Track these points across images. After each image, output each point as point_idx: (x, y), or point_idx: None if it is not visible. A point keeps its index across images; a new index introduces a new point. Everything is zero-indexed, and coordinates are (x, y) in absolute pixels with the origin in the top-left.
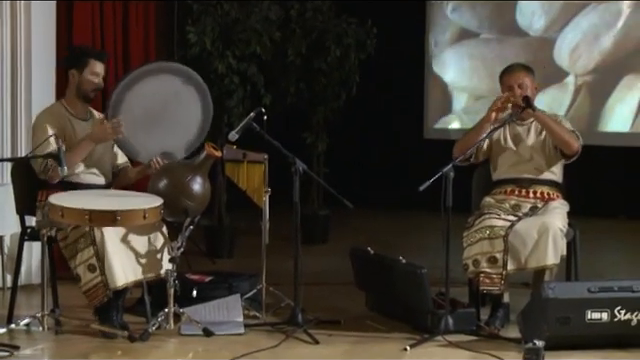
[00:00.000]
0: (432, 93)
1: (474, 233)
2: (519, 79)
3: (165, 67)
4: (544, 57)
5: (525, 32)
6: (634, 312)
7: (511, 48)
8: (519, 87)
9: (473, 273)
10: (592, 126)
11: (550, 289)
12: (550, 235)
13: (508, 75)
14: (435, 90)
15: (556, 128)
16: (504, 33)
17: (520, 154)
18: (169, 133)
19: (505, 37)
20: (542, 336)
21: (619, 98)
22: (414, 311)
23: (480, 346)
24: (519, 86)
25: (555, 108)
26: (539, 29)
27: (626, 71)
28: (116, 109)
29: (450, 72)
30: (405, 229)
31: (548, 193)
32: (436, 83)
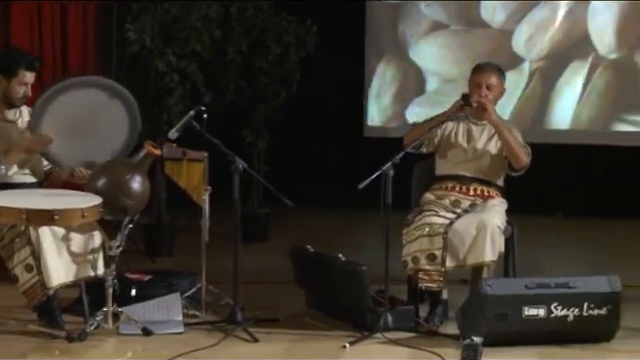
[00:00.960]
0: (402, 80)
1: (413, 230)
2: (488, 79)
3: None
4: (504, 46)
5: (488, 24)
6: (570, 308)
7: (476, 38)
8: (487, 87)
9: (412, 270)
10: (536, 123)
11: (488, 286)
12: (488, 232)
13: (478, 73)
14: (408, 77)
15: (510, 139)
16: (470, 25)
17: (468, 152)
18: (93, 145)
19: (471, 29)
20: (480, 332)
21: (566, 80)
22: (354, 309)
23: (419, 343)
24: (487, 86)
25: (513, 89)
26: (500, 22)
27: (572, 58)
28: (39, 119)
29: (425, 59)
30: (345, 227)
31: (488, 191)
32: (411, 69)
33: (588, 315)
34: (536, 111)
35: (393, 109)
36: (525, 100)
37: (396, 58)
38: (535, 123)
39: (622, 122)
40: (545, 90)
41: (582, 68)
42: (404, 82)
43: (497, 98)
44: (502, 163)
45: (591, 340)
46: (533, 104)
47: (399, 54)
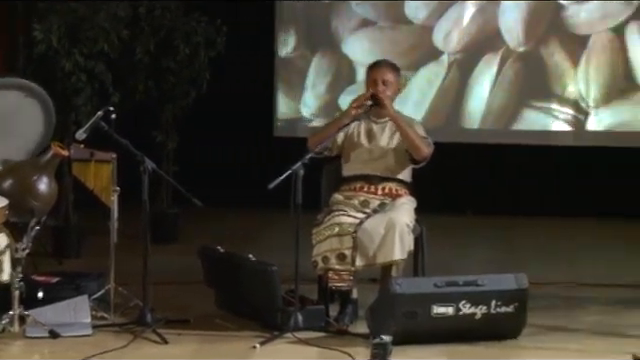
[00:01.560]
0: (336, 71)
1: (323, 230)
2: (384, 75)
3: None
4: (425, 40)
5: (411, 21)
6: (478, 306)
7: (401, 33)
8: (383, 83)
9: (322, 270)
10: (455, 110)
11: (397, 285)
12: (397, 231)
13: (374, 70)
14: (341, 69)
15: (409, 131)
16: (395, 22)
17: (372, 152)
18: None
19: (396, 25)
20: (390, 331)
21: (481, 70)
22: (264, 309)
23: (329, 342)
24: (383, 82)
25: (434, 80)
26: (421, 19)
27: (486, 50)
28: None
29: (355, 52)
30: (255, 227)
31: (396, 189)
32: (343, 61)
33: (496, 313)
34: (455, 97)
35: (328, 96)
36: (445, 88)
37: (330, 51)
38: (454, 110)
39: (529, 107)
40: (462, 79)
41: (494, 59)
42: (337, 73)
43: (394, 94)
44: (405, 158)
45: (498, 337)
46: (452, 91)
47: (333, 48)
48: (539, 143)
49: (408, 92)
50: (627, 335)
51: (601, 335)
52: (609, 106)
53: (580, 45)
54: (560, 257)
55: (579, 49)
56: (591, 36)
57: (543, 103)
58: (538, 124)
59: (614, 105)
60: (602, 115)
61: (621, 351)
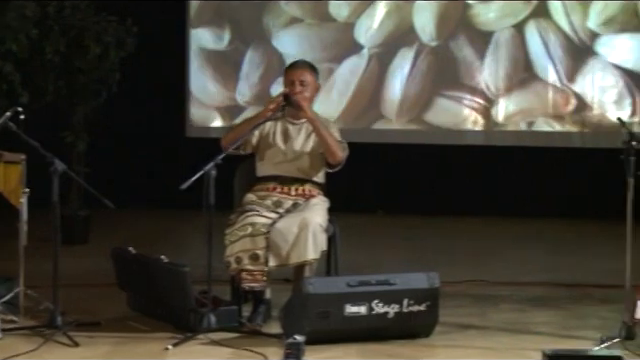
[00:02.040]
0: (267, 64)
1: (236, 231)
2: (301, 75)
3: None
4: (347, 36)
5: (334, 19)
6: (390, 305)
7: (326, 30)
8: (300, 84)
9: (235, 270)
10: (372, 102)
11: (310, 284)
12: (310, 231)
13: (291, 70)
14: (272, 61)
15: (325, 134)
16: (321, 19)
17: (286, 153)
18: None
19: (321, 22)
20: (303, 331)
21: (398, 63)
22: (177, 310)
23: (242, 343)
24: (300, 83)
25: (356, 71)
26: (344, 16)
27: (402, 45)
28: None
29: (285, 46)
30: (168, 228)
31: (310, 190)
32: (274, 55)
33: (408, 311)
34: (375, 87)
35: (260, 86)
36: (365, 79)
37: (262, 46)
38: (374, 97)
39: (441, 96)
40: (381, 70)
41: (409, 53)
42: (268, 65)
43: (313, 95)
44: (321, 160)
45: (411, 336)
46: (372, 81)
47: (264, 42)
48: (450, 143)
49: (333, 82)
50: (536, 332)
51: (511, 332)
52: (511, 94)
53: (485, 40)
54: (471, 256)
55: (484, 44)
56: (495, 32)
57: (453, 92)
58: (449, 112)
59: (516, 93)
60: (506, 102)
61: (530, 348)
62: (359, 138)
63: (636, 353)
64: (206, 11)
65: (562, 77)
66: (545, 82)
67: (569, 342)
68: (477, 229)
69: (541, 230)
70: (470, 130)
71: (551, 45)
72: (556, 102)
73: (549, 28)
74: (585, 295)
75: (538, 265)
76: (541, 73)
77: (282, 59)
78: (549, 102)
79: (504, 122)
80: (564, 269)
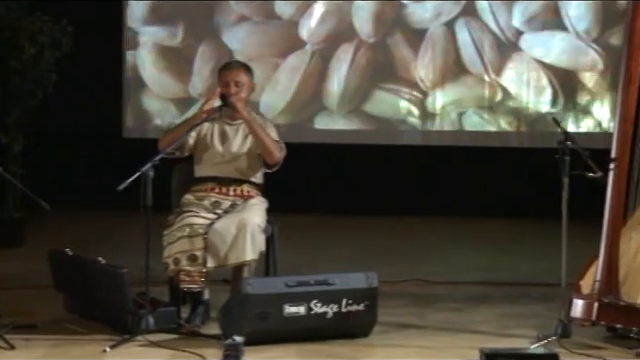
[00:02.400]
0: (217, 59)
1: (174, 232)
2: (236, 76)
3: None
4: (292, 33)
5: (280, 17)
6: (329, 305)
7: (272, 27)
8: (235, 84)
9: (173, 271)
10: (316, 95)
11: (249, 285)
12: (248, 231)
13: (226, 72)
14: (222, 56)
15: (261, 134)
16: (267, 18)
17: (224, 154)
18: None
19: (268, 20)
20: (242, 332)
21: (338, 58)
22: (114, 312)
23: (181, 344)
24: (235, 83)
25: (300, 66)
26: (289, 15)
27: (342, 41)
28: None
29: (234, 43)
30: (106, 229)
31: (248, 191)
32: (223, 50)
33: (347, 311)
34: (317, 80)
35: (211, 80)
36: (309, 73)
37: (213, 42)
38: (316, 91)
39: (379, 89)
40: (323, 65)
41: (349, 49)
42: (219, 60)
43: (248, 95)
44: (259, 161)
45: (350, 335)
46: (315, 75)
47: (215, 39)
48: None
49: (278, 77)
50: (474, 331)
51: (449, 331)
52: (444, 87)
53: (419, 37)
54: (410, 255)
55: (419, 40)
56: (428, 29)
57: (390, 85)
58: (387, 103)
59: (448, 86)
60: (439, 94)
61: (468, 346)
62: (298, 138)
63: (572, 350)
64: (161, 9)
65: (489, 71)
66: (474, 75)
67: (507, 341)
68: (416, 229)
69: (478, 230)
70: (408, 130)
71: (479, 42)
72: (484, 94)
73: (477, 26)
74: (523, 294)
75: (476, 264)
76: (470, 67)
77: (231, 54)
78: (478, 94)
79: (438, 112)
80: (502, 268)
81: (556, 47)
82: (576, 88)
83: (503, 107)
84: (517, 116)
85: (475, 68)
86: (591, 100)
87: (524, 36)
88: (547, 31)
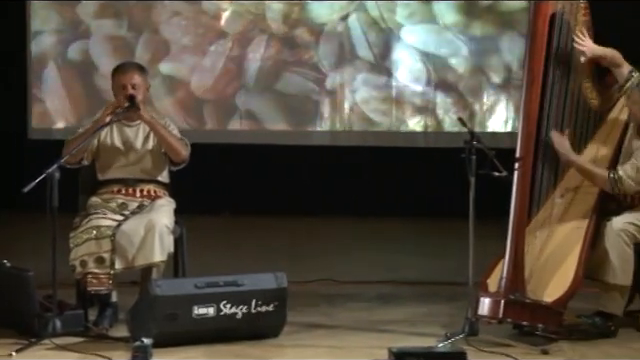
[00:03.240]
0: (151, 49)
1: (81, 234)
2: (132, 79)
3: None
4: (217, 25)
5: (207, 12)
6: (239, 306)
7: (200, 21)
8: (132, 87)
9: (81, 274)
10: (231, 84)
11: (157, 287)
12: (157, 232)
13: (121, 75)
14: (160, 45)
15: (164, 133)
16: (196, 13)
17: (127, 156)
18: None
19: (197, 15)
20: (150, 333)
21: (253, 48)
22: (21, 315)
23: (88, 347)
24: (132, 86)
25: (223, 52)
26: (214, 10)
27: (257, 34)
28: None
29: (169, 34)
30: (11, 231)
31: (155, 191)
32: (161, 41)
33: (256, 312)
34: (237, 65)
35: (150, 66)
36: (230, 59)
37: (152, 34)
38: (236, 73)
39: (289, 71)
40: (242, 52)
41: (263, 39)
42: (157, 49)
43: (145, 96)
44: (163, 160)
45: (260, 336)
46: (235, 61)
47: (154, 31)
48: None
49: (206, 61)
50: (383, 330)
51: (359, 331)
52: (343, 71)
53: (319, 29)
54: (319, 256)
55: (319, 32)
56: (327, 24)
57: (297, 68)
58: (296, 83)
59: (345, 70)
60: (337, 76)
61: (378, 346)
62: (206, 139)
63: (479, 348)
64: (108, 7)
65: (378, 59)
66: (365, 62)
67: (415, 339)
68: (325, 229)
69: (386, 229)
70: (316, 131)
71: (369, 34)
72: (373, 78)
73: (366, 21)
74: (431, 293)
75: (385, 264)
76: (362, 56)
77: (167, 44)
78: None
79: (337, 90)
80: (410, 268)
81: (432, 37)
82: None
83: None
84: (423, 115)
85: (365, 56)
86: (496, 100)
87: (404, 28)
88: (424, 24)
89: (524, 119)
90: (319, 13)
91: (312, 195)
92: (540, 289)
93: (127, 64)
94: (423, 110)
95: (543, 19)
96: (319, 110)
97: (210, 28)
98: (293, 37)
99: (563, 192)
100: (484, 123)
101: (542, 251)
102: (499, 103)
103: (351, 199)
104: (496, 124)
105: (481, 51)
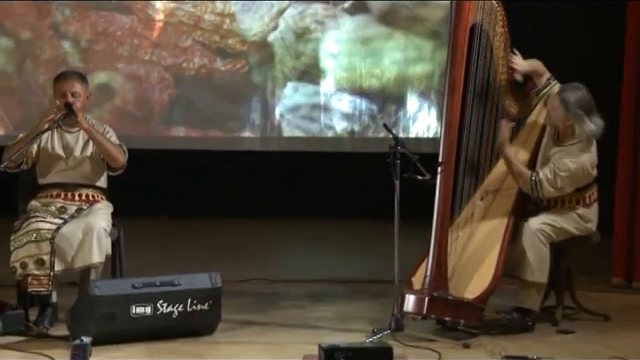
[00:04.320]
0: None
1: (21, 237)
2: (72, 87)
3: None
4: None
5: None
6: (175, 305)
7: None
8: (72, 95)
9: (21, 276)
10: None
11: (96, 287)
12: (95, 235)
13: (62, 82)
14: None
15: (101, 140)
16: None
17: (67, 161)
18: None
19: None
20: (90, 332)
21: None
22: None
23: (29, 346)
24: (72, 94)
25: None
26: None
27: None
28: None
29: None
30: None
31: (93, 195)
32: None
33: (192, 310)
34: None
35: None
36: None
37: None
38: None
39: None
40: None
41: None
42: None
43: (84, 104)
44: (101, 166)
45: (195, 333)
46: (169, 73)
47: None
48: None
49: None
50: (314, 326)
51: (290, 327)
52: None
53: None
54: (253, 256)
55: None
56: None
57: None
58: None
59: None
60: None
61: (309, 342)
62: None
63: (405, 343)
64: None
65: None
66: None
67: (344, 335)
68: (259, 230)
69: (317, 230)
70: (248, 137)
71: (297, 44)
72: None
73: (294, 31)
74: (360, 290)
75: (315, 264)
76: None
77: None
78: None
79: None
80: (338, 267)
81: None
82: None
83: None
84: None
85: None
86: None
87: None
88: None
89: (446, 125)
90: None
91: (248, 199)
92: (462, 286)
93: (68, 72)
94: (350, 116)
95: (463, 30)
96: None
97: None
98: (268, 46)
99: (483, 195)
100: (408, 129)
101: (464, 250)
102: (422, 110)
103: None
104: (420, 130)
105: (405, 60)
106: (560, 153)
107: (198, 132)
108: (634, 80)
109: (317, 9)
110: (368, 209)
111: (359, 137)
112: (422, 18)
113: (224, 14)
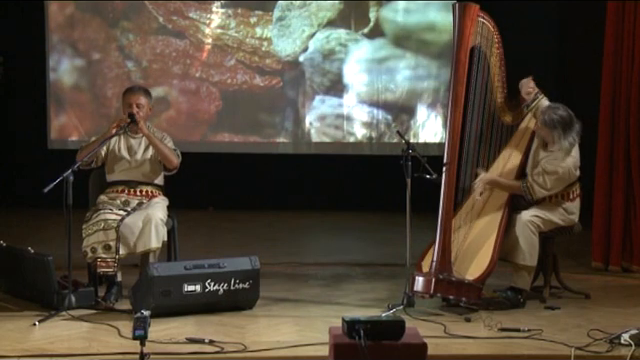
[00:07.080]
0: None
1: (91, 226)
2: (137, 99)
3: None
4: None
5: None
6: (221, 284)
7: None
8: (137, 106)
9: (91, 259)
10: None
11: (154, 268)
12: (153, 224)
13: (129, 95)
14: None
15: (160, 145)
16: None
17: (130, 162)
18: None
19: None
20: (149, 306)
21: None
22: (42, 292)
23: (98, 318)
24: (137, 105)
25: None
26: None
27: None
28: None
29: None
30: (34, 224)
31: (152, 191)
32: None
33: (235, 288)
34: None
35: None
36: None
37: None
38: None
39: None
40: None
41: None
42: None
43: (147, 114)
44: (159, 166)
45: (238, 308)
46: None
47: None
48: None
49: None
50: (338, 303)
51: (318, 303)
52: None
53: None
54: (286, 242)
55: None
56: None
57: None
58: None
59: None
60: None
61: (333, 316)
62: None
63: (415, 317)
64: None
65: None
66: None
67: (363, 310)
68: (290, 221)
69: (339, 221)
70: (282, 142)
71: (325, 63)
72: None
73: (322, 52)
74: (376, 273)
75: (338, 249)
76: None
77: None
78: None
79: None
80: (359, 252)
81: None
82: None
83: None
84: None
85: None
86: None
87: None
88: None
89: (450, 132)
90: (284, 47)
91: (281, 194)
92: (463, 269)
93: (135, 87)
94: (368, 125)
95: (464, 52)
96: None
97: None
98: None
99: (482, 191)
100: (418, 135)
101: (465, 238)
102: (430, 119)
103: (307, 196)
104: (427, 136)
105: (415, 77)
106: (548, 158)
107: (240, 138)
108: (611, 87)
109: (341, 34)
110: (383, 203)
111: (376, 142)
112: (429, 42)
113: (262, 38)
